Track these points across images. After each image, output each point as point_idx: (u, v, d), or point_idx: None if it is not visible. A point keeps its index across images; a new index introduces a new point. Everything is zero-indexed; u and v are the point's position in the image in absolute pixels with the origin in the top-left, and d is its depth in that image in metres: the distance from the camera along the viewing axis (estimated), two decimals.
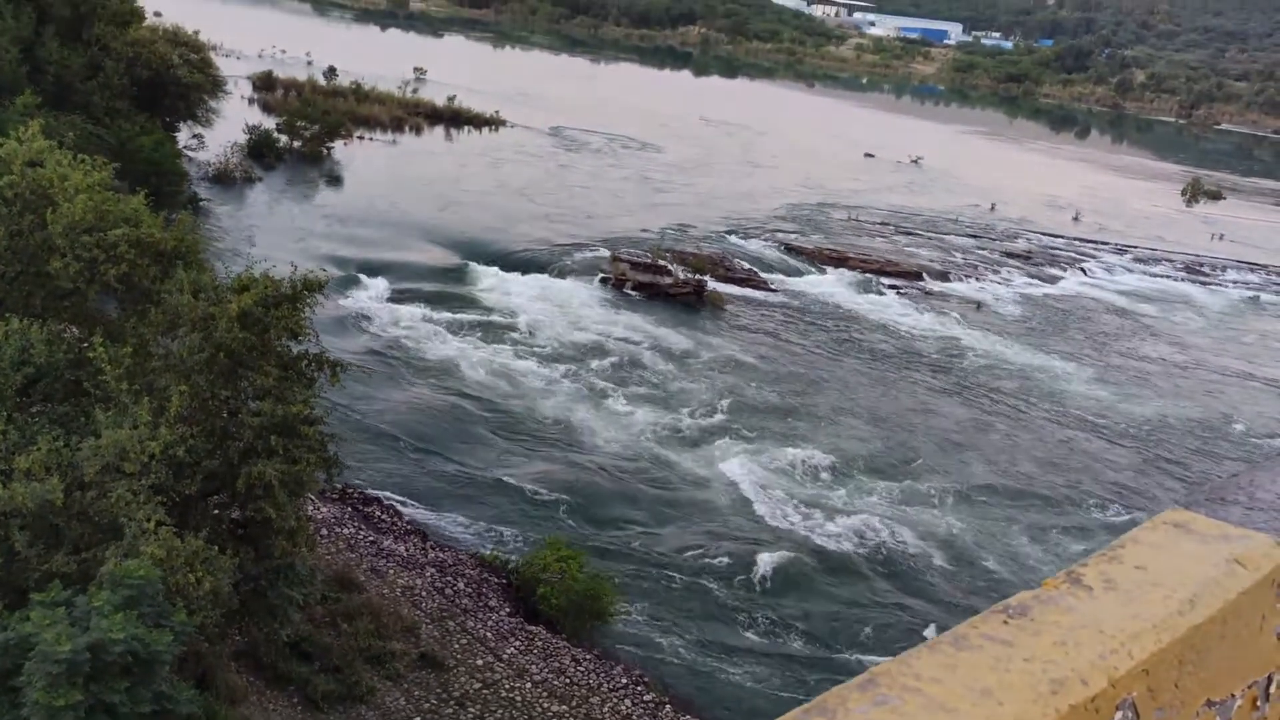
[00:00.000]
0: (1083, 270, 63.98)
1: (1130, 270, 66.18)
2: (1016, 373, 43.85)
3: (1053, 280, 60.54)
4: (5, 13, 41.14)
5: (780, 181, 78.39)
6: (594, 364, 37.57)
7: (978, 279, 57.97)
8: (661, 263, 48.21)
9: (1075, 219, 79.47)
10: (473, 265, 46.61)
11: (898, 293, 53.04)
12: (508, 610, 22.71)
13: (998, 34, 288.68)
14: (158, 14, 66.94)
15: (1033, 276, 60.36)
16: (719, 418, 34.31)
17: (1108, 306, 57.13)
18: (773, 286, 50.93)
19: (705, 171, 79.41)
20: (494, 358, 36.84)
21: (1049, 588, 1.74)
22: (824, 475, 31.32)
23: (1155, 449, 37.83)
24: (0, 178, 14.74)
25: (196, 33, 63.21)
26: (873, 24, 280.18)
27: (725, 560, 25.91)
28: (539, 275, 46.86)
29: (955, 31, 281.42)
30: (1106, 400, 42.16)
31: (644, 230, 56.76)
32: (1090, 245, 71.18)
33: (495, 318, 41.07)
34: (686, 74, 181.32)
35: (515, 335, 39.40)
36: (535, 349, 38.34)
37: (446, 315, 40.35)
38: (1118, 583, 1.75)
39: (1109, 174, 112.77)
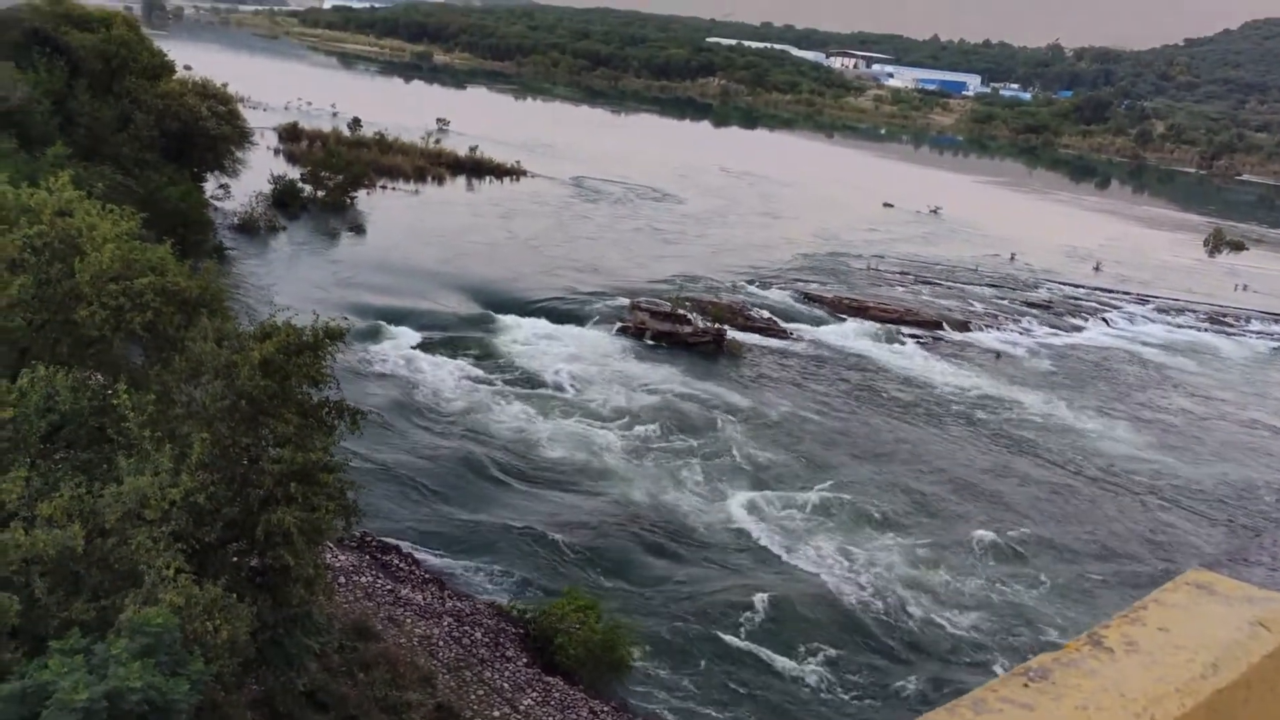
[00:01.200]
0: (1105, 320, 63.66)
1: (1153, 320, 65.79)
2: (1039, 424, 43.48)
3: (1075, 330, 60.24)
4: (39, 66, 42.08)
5: (799, 231, 78.69)
6: (613, 413, 37.54)
7: (998, 329, 57.78)
8: (681, 312, 48.34)
9: (1096, 269, 79.24)
10: (493, 314, 46.89)
11: (918, 342, 52.90)
12: (525, 660, 22.51)
13: (1016, 85, 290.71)
14: (188, 67, 68.36)
15: (1054, 327, 60.09)
16: (740, 467, 34.15)
17: (1131, 357, 56.72)
18: (792, 335, 50.94)
19: (724, 221, 79.87)
20: (513, 406, 36.89)
21: (1070, 650, 1.72)
22: (847, 527, 31.05)
23: (1181, 504, 37.27)
24: (30, 227, 14.98)
25: (225, 85, 64.42)
26: (891, 76, 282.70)
27: (746, 613, 25.64)
28: (558, 324, 47.05)
29: (974, 83, 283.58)
30: (1131, 453, 41.68)
31: (663, 279, 57.01)
32: (1112, 295, 70.86)
33: (514, 366, 41.20)
34: (706, 125, 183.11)
35: (534, 384, 39.47)
36: (554, 398, 38.37)
37: (466, 363, 40.52)
38: (1140, 645, 1.73)
39: (1130, 224, 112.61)
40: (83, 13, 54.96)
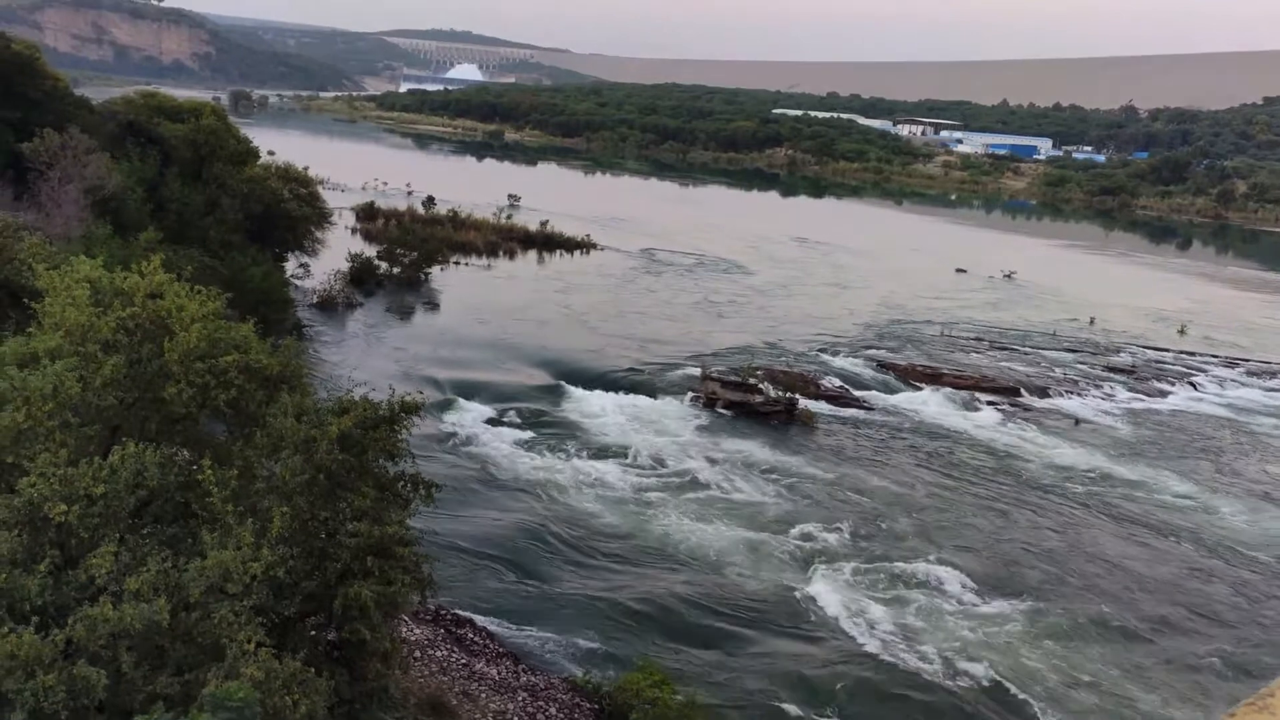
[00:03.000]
0: (1192, 385, 61.74)
1: (1244, 384, 63.62)
2: (1129, 493, 42.07)
3: (1160, 395, 58.49)
4: (133, 156, 44.10)
5: (869, 299, 78.24)
6: (686, 483, 37.31)
7: (1079, 394, 56.39)
8: (752, 381, 48.15)
9: (1181, 332, 77.20)
10: (565, 385, 47.18)
11: (995, 409, 51.84)
12: None
13: (1089, 148, 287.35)
14: (271, 153, 71.15)
15: (1139, 392, 58.44)
16: (815, 539, 33.57)
17: (1222, 422, 54.78)
18: (865, 404, 50.33)
19: (794, 291, 79.79)
20: (587, 477, 36.89)
21: None
22: (933, 602, 30.20)
23: None
24: (123, 309, 15.53)
25: (306, 169, 66.86)
26: (960, 141, 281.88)
27: (824, 687, 24.99)
28: (631, 395, 47.16)
29: (1045, 147, 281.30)
30: (1234, 525, 39.79)
31: (734, 349, 56.96)
32: (1199, 358, 68.86)
33: (588, 437, 41.29)
34: (774, 195, 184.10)
35: (608, 455, 39.45)
36: (627, 469, 38.29)
37: (540, 435, 40.72)
38: None
39: (1214, 285, 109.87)
40: (174, 105, 57.80)
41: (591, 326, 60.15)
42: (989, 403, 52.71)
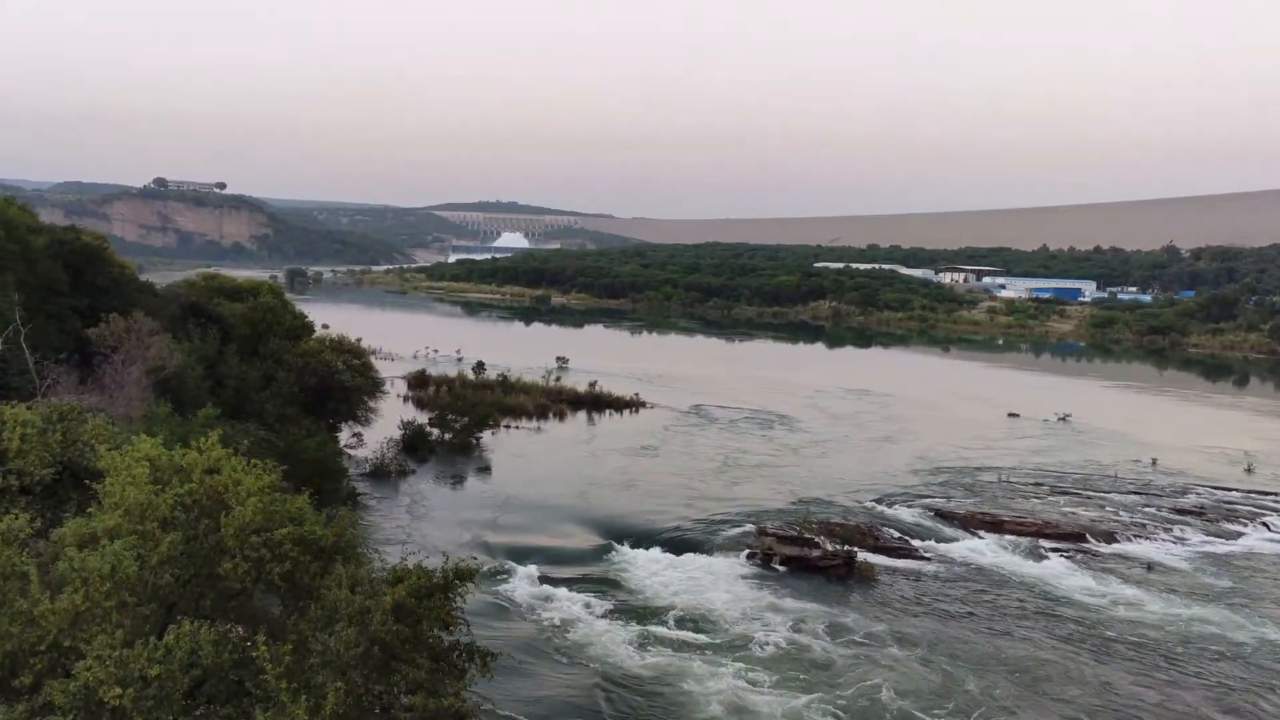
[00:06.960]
0: (1266, 525, 59.56)
1: None
2: (1211, 643, 40.04)
3: (1233, 537, 56.38)
4: (194, 335, 45.64)
5: (924, 447, 77.28)
6: (745, 644, 36.21)
7: (1148, 538, 54.55)
8: (809, 535, 47.29)
9: (1248, 470, 74.99)
10: (618, 546, 46.67)
11: (1061, 556, 50.23)
12: None
13: (1134, 289, 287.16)
14: (325, 326, 73.27)
15: (1210, 534, 56.40)
16: (886, 701, 32.19)
17: None
18: (925, 555, 49.06)
19: (847, 442, 79.15)
20: (644, 640, 35.97)
21: None
22: None
23: None
24: (181, 486, 15.76)
25: (359, 340, 68.66)
26: (1003, 287, 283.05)
27: None
28: (685, 554, 46.44)
29: (1089, 289, 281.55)
30: None
31: (788, 503, 56.20)
32: (1271, 497, 66.62)
33: (643, 598, 40.50)
34: (820, 346, 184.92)
35: (664, 616, 38.57)
36: (685, 630, 37.33)
37: (595, 598, 40.03)
38: None
39: (1278, 422, 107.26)
40: (234, 284, 60.26)
41: (643, 485, 59.84)
42: (1053, 549, 51.13)
